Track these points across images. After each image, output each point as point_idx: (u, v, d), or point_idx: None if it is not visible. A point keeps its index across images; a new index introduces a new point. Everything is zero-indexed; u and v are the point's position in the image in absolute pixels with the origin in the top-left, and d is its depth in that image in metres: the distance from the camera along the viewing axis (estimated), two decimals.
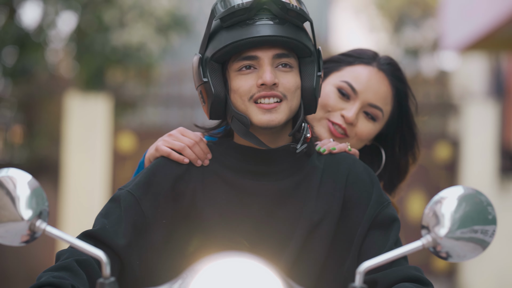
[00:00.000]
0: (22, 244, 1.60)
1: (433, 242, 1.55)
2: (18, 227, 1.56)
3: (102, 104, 8.69)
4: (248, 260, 1.37)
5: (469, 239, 1.55)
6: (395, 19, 13.19)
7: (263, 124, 1.71)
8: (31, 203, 1.56)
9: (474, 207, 1.56)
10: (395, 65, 2.08)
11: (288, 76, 1.73)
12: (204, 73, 1.75)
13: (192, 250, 1.74)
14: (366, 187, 1.79)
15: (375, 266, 1.54)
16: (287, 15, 1.70)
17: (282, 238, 1.75)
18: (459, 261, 1.59)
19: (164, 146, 1.81)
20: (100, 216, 1.75)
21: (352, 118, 1.98)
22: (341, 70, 2.04)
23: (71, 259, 1.64)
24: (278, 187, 1.75)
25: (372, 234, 1.75)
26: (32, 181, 1.58)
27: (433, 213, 1.55)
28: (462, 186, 1.59)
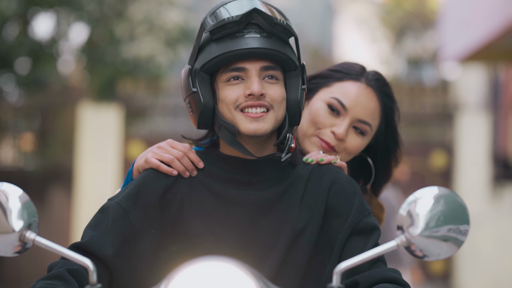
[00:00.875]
0: (15, 255, 1.64)
1: (407, 241, 1.58)
2: (9, 239, 1.60)
3: (113, 113, 8.88)
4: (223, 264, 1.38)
5: (442, 238, 1.57)
6: (396, 30, 13.31)
7: (250, 132, 1.74)
8: (21, 215, 1.60)
9: (447, 207, 1.57)
10: (382, 80, 2.11)
11: (274, 88, 1.76)
12: (193, 84, 1.77)
13: (179, 258, 1.74)
14: (349, 197, 1.81)
15: (351, 266, 1.56)
16: (274, 29, 1.73)
17: (266, 246, 1.77)
18: (434, 259, 1.61)
19: (153, 159, 1.81)
20: (88, 228, 1.76)
21: (343, 135, 2.01)
22: (331, 86, 2.06)
23: (63, 269, 1.67)
24: (262, 196, 1.78)
25: (352, 240, 1.78)
26: (22, 195, 1.62)
27: (407, 213, 1.57)
28: (436, 187, 1.61)
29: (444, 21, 11.10)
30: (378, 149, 2.11)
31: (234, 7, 1.75)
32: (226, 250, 1.72)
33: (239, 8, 1.74)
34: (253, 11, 1.71)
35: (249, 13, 1.71)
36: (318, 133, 2.02)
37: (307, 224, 1.77)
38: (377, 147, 2.11)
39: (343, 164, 1.90)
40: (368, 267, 1.71)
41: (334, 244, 1.77)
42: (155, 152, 1.81)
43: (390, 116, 2.09)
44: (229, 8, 1.75)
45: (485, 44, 8.92)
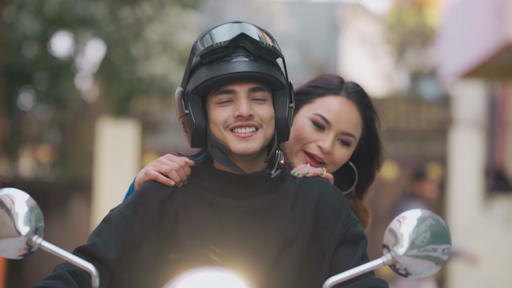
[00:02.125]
0: (20, 257, 1.64)
1: (392, 260, 1.61)
2: (16, 242, 1.61)
3: (130, 128, 9.10)
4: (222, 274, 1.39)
5: (425, 257, 1.60)
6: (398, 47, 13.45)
7: (240, 151, 1.76)
8: (28, 220, 1.61)
9: (430, 228, 1.60)
10: (361, 91, 2.12)
11: (263, 107, 1.78)
12: (186, 105, 1.79)
13: (174, 263, 1.78)
14: (336, 208, 1.82)
15: (340, 281, 1.60)
16: (261, 52, 1.75)
17: (255, 253, 1.78)
18: (417, 277, 1.62)
19: (152, 170, 1.85)
20: (93, 234, 1.78)
21: (329, 149, 2.02)
22: (313, 102, 2.06)
23: (64, 270, 1.69)
24: (253, 205, 1.81)
25: (341, 249, 1.78)
26: (29, 200, 1.63)
27: (392, 233, 1.61)
28: (420, 209, 1.64)
29: (443, 39, 11.22)
30: (361, 155, 2.13)
31: (223, 31, 1.77)
32: (217, 255, 1.76)
33: (228, 32, 1.77)
34: (240, 35, 1.74)
35: (236, 38, 1.74)
36: (305, 147, 2.04)
37: (297, 234, 1.79)
38: (360, 153, 2.13)
39: (329, 175, 1.93)
40: (357, 278, 1.73)
41: (324, 254, 1.79)
42: (154, 165, 1.86)
43: (371, 125, 2.11)
44: (218, 33, 1.77)
45: (481, 62, 9.04)
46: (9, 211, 1.60)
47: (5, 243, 1.61)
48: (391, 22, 14.21)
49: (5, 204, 1.60)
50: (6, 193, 1.61)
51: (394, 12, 14.53)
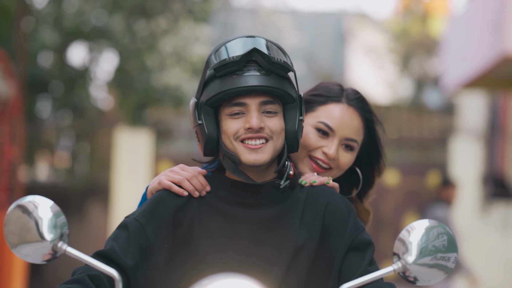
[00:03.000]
0: (43, 262, 1.66)
1: (402, 268, 1.65)
2: (42, 248, 1.63)
3: (145, 136, 9.31)
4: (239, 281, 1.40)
5: (433, 265, 1.64)
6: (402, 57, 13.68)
7: (250, 162, 1.78)
8: (54, 226, 1.63)
9: (438, 237, 1.65)
10: (361, 98, 2.14)
11: (273, 120, 1.80)
12: (199, 116, 1.81)
13: (189, 272, 1.79)
14: (343, 216, 1.85)
15: (353, 287, 1.64)
16: (273, 67, 1.77)
17: (268, 261, 1.79)
18: (425, 284, 1.67)
19: (166, 180, 1.86)
20: (110, 240, 1.80)
21: (334, 155, 2.05)
22: (316, 111, 2.09)
23: (84, 274, 1.71)
24: (265, 215, 1.83)
25: (350, 256, 1.81)
26: (53, 206, 1.65)
27: (402, 243, 1.65)
28: (428, 220, 1.68)
29: (446, 50, 11.42)
30: (363, 159, 2.16)
31: (236, 45, 1.80)
32: (232, 264, 1.78)
33: (241, 47, 1.79)
34: (253, 50, 1.77)
35: (249, 53, 1.76)
36: (310, 153, 2.07)
37: (306, 241, 1.82)
38: (362, 158, 2.16)
39: (335, 184, 1.97)
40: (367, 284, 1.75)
41: (332, 260, 1.82)
42: (167, 175, 1.88)
43: (372, 129, 2.14)
44: (232, 47, 1.80)
45: (481, 73, 9.25)
46: (34, 218, 1.62)
47: (31, 249, 1.63)
48: (396, 32, 14.43)
49: (30, 211, 1.62)
50: (31, 200, 1.63)
51: (398, 23, 14.75)
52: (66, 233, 1.64)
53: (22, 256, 1.65)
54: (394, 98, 13.67)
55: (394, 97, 13.76)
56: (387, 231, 9.26)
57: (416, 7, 14.40)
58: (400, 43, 13.93)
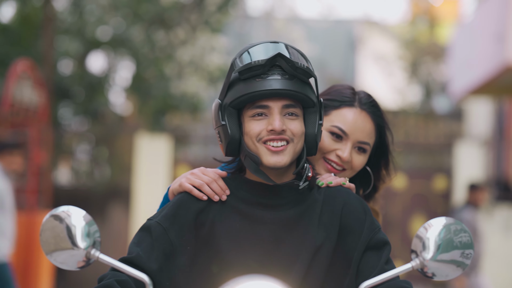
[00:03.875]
0: (77, 269, 1.71)
1: (420, 264, 1.69)
2: (76, 255, 1.69)
3: (164, 142, 9.63)
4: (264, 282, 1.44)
5: (450, 261, 1.69)
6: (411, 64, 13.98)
7: (271, 164, 1.81)
8: (87, 234, 1.69)
9: (454, 234, 1.69)
10: (373, 102, 2.17)
11: (294, 123, 1.83)
12: (222, 117, 1.84)
13: (212, 272, 1.83)
14: (360, 216, 1.88)
15: (373, 285, 1.70)
16: (296, 72, 1.80)
17: (288, 261, 1.82)
18: (442, 279, 1.71)
19: (186, 183, 1.89)
20: (133, 245, 1.83)
21: (348, 158, 2.08)
22: (329, 115, 2.12)
23: (112, 279, 1.74)
24: (284, 216, 1.86)
25: (367, 255, 1.84)
26: (86, 216, 1.70)
27: (420, 240, 1.69)
28: (444, 217, 1.72)
29: (452, 58, 11.70)
30: (371, 161, 2.20)
31: (261, 50, 1.83)
32: (253, 264, 1.80)
33: (265, 52, 1.82)
34: (277, 55, 1.80)
35: (273, 58, 1.80)
36: (325, 155, 2.11)
37: (324, 241, 1.84)
38: (370, 160, 2.19)
39: (351, 185, 2.00)
40: (383, 282, 1.78)
41: (350, 259, 1.84)
42: (188, 178, 1.90)
43: (383, 133, 2.17)
44: (256, 51, 1.83)
45: (485, 81, 9.55)
46: (68, 227, 1.68)
47: (66, 256, 1.69)
48: (405, 40, 14.69)
49: (64, 221, 1.68)
50: (64, 210, 1.70)
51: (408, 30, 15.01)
52: (98, 241, 1.71)
53: (57, 263, 1.72)
54: (403, 104, 13.93)
55: (403, 103, 14.02)
56: (395, 232, 9.53)
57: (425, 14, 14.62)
58: (409, 50, 14.19)
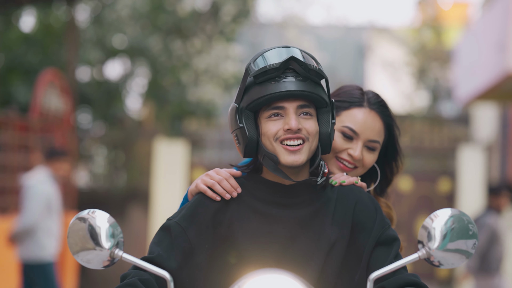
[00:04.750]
0: (103, 268, 1.77)
1: (427, 254, 1.72)
2: (101, 255, 1.74)
3: (181, 146, 9.93)
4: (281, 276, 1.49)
5: (455, 250, 1.71)
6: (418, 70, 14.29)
7: (289, 163, 1.86)
8: (111, 235, 1.74)
9: (459, 225, 1.71)
10: (382, 101, 2.20)
11: (309, 122, 1.88)
12: (239, 120, 1.88)
13: (230, 269, 1.87)
14: (371, 214, 1.92)
15: (382, 274, 1.72)
16: (308, 74, 1.85)
17: (304, 258, 1.87)
18: (448, 267, 1.74)
19: (201, 184, 1.94)
20: (154, 245, 1.88)
21: (359, 156, 2.12)
22: (340, 115, 2.15)
23: (135, 278, 1.79)
24: (300, 214, 1.90)
25: (377, 250, 1.89)
26: (109, 218, 1.75)
27: (426, 231, 1.72)
28: (450, 208, 1.74)
29: (457, 65, 12.05)
30: (381, 158, 2.24)
31: (274, 54, 1.88)
32: (271, 261, 1.84)
33: (278, 56, 1.87)
34: (291, 59, 1.85)
35: (287, 61, 1.85)
36: (337, 155, 2.15)
37: (338, 238, 1.89)
38: (380, 157, 2.23)
39: (363, 184, 2.05)
40: (392, 274, 1.83)
41: (361, 254, 1.89)
42: (203, 179, 1.95)
43: (392, 130, 2.21)
44: (270, 56, 1.88)
45: (488, 88, 9.88)
46: (93, 228, 1.75)
47: (91, 256, 1.76)
48: (413, 46, 14.98)
49: (89, 223, 1.75)
50: (89, 213, 1.77)
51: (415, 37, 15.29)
52: (121, 241, 1.77)
53: (83, 262, 1.79)
54: (411, 109, 14.25)
55: (411, 107, 14.34)
56: (401, 232, 9.59)
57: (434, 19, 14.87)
58: (416, 56, 14.49)
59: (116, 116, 11.87)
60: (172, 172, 9.94)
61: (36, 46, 12.23)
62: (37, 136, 8.31)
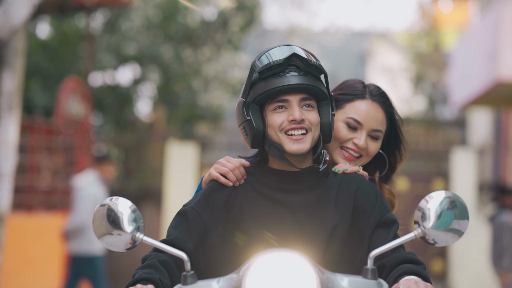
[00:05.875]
0: (125, 251, 1.86)
1: (422, 232, 1.78)
2: (124, 238, 1.83)
3: (191, 148, 10.38)
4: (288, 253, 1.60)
5: (448, 230, 1.78)
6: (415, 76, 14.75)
7: (293, 151, 1.95)
8: (132, 220, 1.82)
9: (451, 206, 1.77)
10: (383, 93, 2.28)
11: (311, 114, 1.97)
12: (247, 113, 1.97)
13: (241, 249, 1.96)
14: (371, 199, 2.01)
15: (381, 252, 1.79)
16: (309, 69, 1.95)
17: (309, 239, 1.95)
18: (442, 245, 1.81)
19: (214, 172, 2.04)
20: (171, 228, 1.97)
21: (363, 145, 2.20)
22: (344, 108, 2.23)
23: (155, 260, 1.88)
24: (305, 199, 1.98)
25: (377, 232, 1.97)
26: (131, 205, 1.83)
27: (421, 211, 1.79)
28: (443, 191, 1.81)
29: (453, 71, 12.41)
30: (384, 146, 2.31)
31: (277, 52, 1.98)
32: (278, 242, 1.93)
33: (281, 53, 1.97)
34: (293, 55, 1.95)
35: (289, 57, 1.95)
36: (342, 144, 2.23)
37: (340, 222, 1.98)
38: (383, 144, 2.30)
39: (365, 173, 2.13)
40: (391, 252, 1.91)
41: (363, 236, 1.97)
42: (215, 167, 2.06)
43: (393, 120, 2.29)
44: (273, 53, 1.98)
45: (480, 94, 10.26)
46: (116, 214, 1.82)
47: (114, 239, 1.84)
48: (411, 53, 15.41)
49: (113, 209, 1.83)
50: (112, 200, 1.85)
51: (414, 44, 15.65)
52: (142, 226, 1.85)
53: (107, 246, 1.87)
54: (409, 113, 14.65)
55: (409, 112, 14.77)
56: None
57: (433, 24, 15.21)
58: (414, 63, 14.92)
59: (128, 120, 12.23)
60: (183, 172, 10.34)
61: (52, 52, 12.66)
62: (59, 139, 8.88)
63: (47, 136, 8.65)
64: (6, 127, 5.92)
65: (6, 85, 5.98)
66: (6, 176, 5.90)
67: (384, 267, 1.92)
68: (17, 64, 6.00)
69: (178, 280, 1.86)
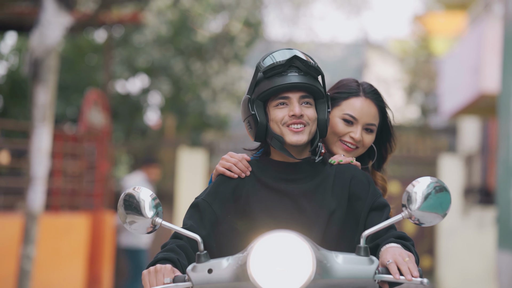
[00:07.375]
0: (146, 234, 2.00)
1: (408, 214, 1.91)
2: (145, 222, 1.98)
3: (201, 155, 10.88)
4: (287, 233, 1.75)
5: (432, 210, 1.90)
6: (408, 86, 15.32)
7: (293, 142, 2.11)
8: (153, 206, 1.97)
9: (435, 190, 1.90)
10: (375, 90, 2.42)
11: (309, 110, 2.13)
12: (252, 108, 2.12)
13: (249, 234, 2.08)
14: (365, 186, 2.15)
15: (373, 232, 1.92)
16: (309, 69, 2.11)
17: (309, 224, 2.10)
18: (427, 225, 1.93)
19: (220, 167, 2.20)
20: (186, 219, 2.14)
21: (359, 138, 2.35)
22: (341, 105, 2.37)
23: (174, 244, 2.07)
24: (304, 188, 2.13)
25: (371, 215, 2.12)
26: (152, 193, 1.99)
27: (408, 194, 1.91)
28: (428, 177, 1.93)
29: (442, 83, 12.94)
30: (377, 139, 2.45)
31: (280, 54, 2.15)
32: (281, 227, 1.99)
33: (283, 55, 2.13)
34: (294, 57, 2.11)
35: (291, 59, 2.11)
36: (340, 138, 2.37)
37: (337, 207, 2.12)
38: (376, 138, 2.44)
39: (358, 163, 2.27)
40: (384, 232, 2.06)
41: (358, 219, 2.11)
42: (221, 163, 2.22)
43: (385, 114, 2.43)
44: (277, 55, 2.15)
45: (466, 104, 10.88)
46: (138, 201, 1.96)
47: (137, 224, 1.98)
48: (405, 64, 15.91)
49: (135, 197, 1.97)
50: (135, 189, 1.99)
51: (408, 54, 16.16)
52: (161, 211, 1.98)
53: (131, 229, 2.00)
54: (402, 121, 15.20)
55: (402, 119, 15.32)
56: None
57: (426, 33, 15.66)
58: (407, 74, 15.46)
59: (139, 127, 12.68)
60: (194, 176, 10.84)
61: (68, 64, 13.14)
62: (83, 146, 9.48)
63: (72, 143, 9.25)
64: (40, 135, 6.32)
65: (40, 98, 6.41)
66: (40, 179, 6.31)
67: (378, 247, 2.05)
68: (50, 80, 6.42)
69: (194, 261, 2.00)
